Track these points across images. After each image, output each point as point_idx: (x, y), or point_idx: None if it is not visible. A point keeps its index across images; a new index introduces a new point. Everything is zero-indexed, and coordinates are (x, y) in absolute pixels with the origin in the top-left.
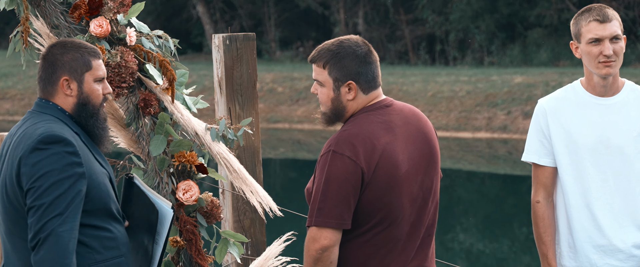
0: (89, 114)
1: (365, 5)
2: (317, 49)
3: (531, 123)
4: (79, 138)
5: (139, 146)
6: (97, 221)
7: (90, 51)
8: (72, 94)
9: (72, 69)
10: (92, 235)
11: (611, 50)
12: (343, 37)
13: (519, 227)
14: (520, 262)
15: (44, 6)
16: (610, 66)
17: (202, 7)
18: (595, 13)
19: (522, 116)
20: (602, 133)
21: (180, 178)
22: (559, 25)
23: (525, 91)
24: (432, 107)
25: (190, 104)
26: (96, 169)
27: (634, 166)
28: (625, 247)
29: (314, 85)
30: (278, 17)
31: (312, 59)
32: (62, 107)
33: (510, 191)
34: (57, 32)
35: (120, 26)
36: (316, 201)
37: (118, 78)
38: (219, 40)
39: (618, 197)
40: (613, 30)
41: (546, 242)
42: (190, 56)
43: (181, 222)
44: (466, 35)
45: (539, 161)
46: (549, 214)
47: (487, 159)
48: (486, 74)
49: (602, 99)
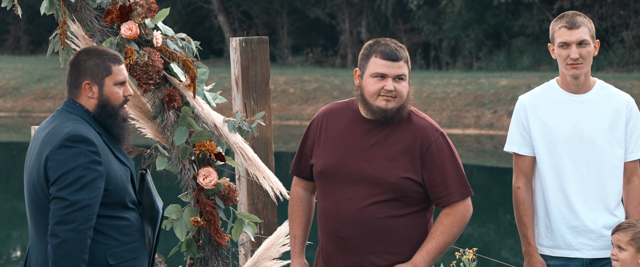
0: (108, 114)
1: (368, 16)
2: (395, 48)
3: (512, 117)
4: (101, 138)
5: (164, 136)
6: (113, 212)
7: (111, 57)
8: (93, 96)
9: (94, 74)
10: (109, 224)
11: (577, 54)
12: (382, 39)
13: (504, 213)
14: (505, 244)
15: (80, 11)
16: (577, 68)
17: (223, 17)
18: (566, 20)
19: (507, 115)
20: (575, 126)
21: (200, 165)
22: (540, 34)
23: (510, 93)
24: (427, 107)
25: (210, 99)
26: (115, 167)
27: (604, 155)
28: (596, 228)
29: (391, 82)
30: (290, 26)
31: (398, 57)
32: (87, 108)
33: (496, 182)
34: (91, 35)
35: (148, 29)
36: (462, 175)
37: (146, 75)
38: (236, 42)
39: (590, 183)
40: (579, 36)
41: (526, 223)
42: (212, 60)
43: (201, 204)
44: (457, 43)
45: (519, 151)
46: (529, 198)
47: (475, 153)
48: (475, 77)
49: (576, 95)
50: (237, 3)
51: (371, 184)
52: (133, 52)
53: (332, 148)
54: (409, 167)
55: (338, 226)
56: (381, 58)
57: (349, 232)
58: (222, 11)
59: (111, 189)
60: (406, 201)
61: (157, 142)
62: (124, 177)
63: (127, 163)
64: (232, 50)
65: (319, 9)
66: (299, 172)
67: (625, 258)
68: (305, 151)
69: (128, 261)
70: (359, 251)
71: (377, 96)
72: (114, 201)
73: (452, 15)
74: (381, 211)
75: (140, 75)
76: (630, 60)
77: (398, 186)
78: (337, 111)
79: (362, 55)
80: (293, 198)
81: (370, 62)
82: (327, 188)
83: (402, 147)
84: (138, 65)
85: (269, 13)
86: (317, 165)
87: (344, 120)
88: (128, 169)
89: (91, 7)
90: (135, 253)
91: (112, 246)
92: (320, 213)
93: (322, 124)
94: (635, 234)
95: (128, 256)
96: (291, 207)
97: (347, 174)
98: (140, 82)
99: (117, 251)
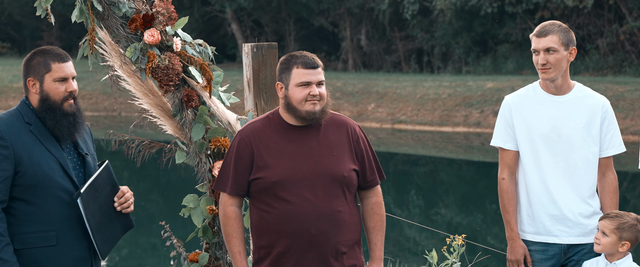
0: (46, 108)
1: (367, 25)
2: (312, 58)
3: (498, 115)
4: (31, 127)
5: (182, 132)
6: (28, 196)
7: (53, 56)
8: (36, 91)
9: (35, 71)
10: (21, 210)
11: (544, 60)
12: (297, 52)
13: (490, 203)
14: (490, 231)
15: (107, 19)
16: (545, 72)
17: (236, 25)
18: (538, 29)
19: (493, 114)
20: (555, 124)
21: (215, 158)
22: (523, 41)
23: (495, 94)
24: (420, 107)
25: (224, 99)
26: (36, 154)
27: (581, 151)
28: (573, 216)
29: (315, 87)
30: (296, 34)
31: (316, 64)
32: (30, 102)
33: (482, 175)
34: (117, 40)
35: (168, 36)
36: (377, 160)
37: (166, 78)
38: (248, 48)
39: (567, 176)
40: (546, 44)
41: (509, 211)
42: (226, 64)
43: (216, 194)
44: (448, 49)
45: (504, 146)
46: (512, 189)
47: (464, 149)
48: (464, 80)
49: (555, 96)
50: (249, 12)
51: (327, 182)
52: (155, 56)
53: (278, 159)
54: (350, 159)
55: (308, 224)
56: (303, 68)
57: (319, 228)
58: (235, 20)
59: (28, 172)
60: (350, 191)
61: (176, 138)
62: (47, 165)
63: (55, 154)
64: (245, 55)
65: (322, 18)
66: (236, 191)
67: (606, 243)
68: (240, 171)
69: (39, 248)
70: (328, 243)
71: (305, 102)
72: (31, 184)
73: (443, 24)
74: (339, 204)
75: (161, 77)
76: (605, 65)
77: (348, 179)
78: (262, 128)
79: (282, 69)
80: (231, 217)
81: (292, 74)
82: (284, 194)
83: (337, 142)
84: (159, 69)
85: (278, 22)
86: (267, 177)
87: (274, 133)
88: (54, 158)
89: (117, 16)
90: (50, 241)
91: (21, 231)
92: (279, 218)
93: (253, 143)
94: (620, 225)
95: (38, 243)
96: (230, 226)
97: (302, 178)
98: (162, 83)
99: (25, 236)
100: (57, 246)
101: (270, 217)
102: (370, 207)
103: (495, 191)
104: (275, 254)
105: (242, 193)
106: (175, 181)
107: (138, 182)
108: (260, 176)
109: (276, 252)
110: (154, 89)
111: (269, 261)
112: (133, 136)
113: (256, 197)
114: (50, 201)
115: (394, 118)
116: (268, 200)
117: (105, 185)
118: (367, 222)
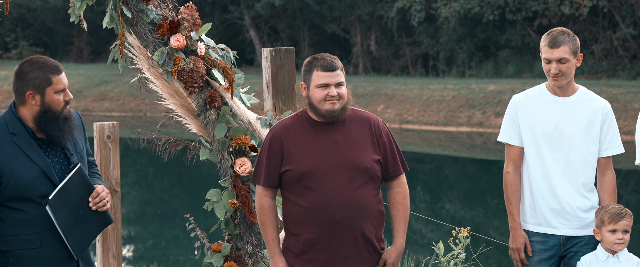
0: (49, 119)
1: (376, 31)
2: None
3: (506, 112)
4: (14, 137)
5: (206, 131)
6: (12, 204)
7: (51, 69)
8: (36, 104)
9: (36, 85)
10: (7, 214)
11: (557, 70)
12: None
13: (491, 199)
14: (492, 224)
15: (136, 25)
16: (557, 80)
17: (254, 31)
18: (550, 38)
19: (494, 115)
20: (557, 124)
21: (237, 156)
22: (522, 47)
23: (497, 96)
24: (426, 108)
25: (245, 100)
26: (17, 164)
27: (580, 150)
28: (572, 210)
29: (334, 89)
30: (311, 40)
31: (335, 67)
32: (17, 111)
33: (485, 171)
34: (145, 45)
35: (193, 41)
36: (401, 152)
37: (191, 80)
38: (267, 52)
39: (567, 172)
40: (559, 55)
41: (513, 203)
42: (244, 68)
43: (237, 188)
44: (452, 54)
45: (509, 141)
46: (516, 182)
47: (467, 148)
48: (467, 83)
49: (560, 98)
50: (266, 19)
51: (351, 172)
52: (180, 60)
53: (306, 152)
54: (373, 150)
55: (333, 211)
56: (322, 70)
57: (343, 214)
58: (253, 26)
59: (9, 182)
60: (374, 181)
61: (200, 136)
62: (29, 176)
63: (39, 162)
64: (264, 59)
65: (335, 25)
66: (269, 183)
67: (628, 239)
68: (272, 165)
69: (23, 250)
70: (352, 229)
71: (324, 101)
72: (13, 194)
73: (447, 31)
74: (363, 193)
75: (186, 79)
76: (599, 69)
77: (371, 170)
78: (291, 125)
79: (305, 71)
80: (265, 207)
81: (313, 76)
82: (311, 184)
83: (360, 136)
84: (185, 71)
85: (293, 28)
86: (296, 169)
87: (301, 129)
88: (37, 167)
89: (145, 22)
90: (34, 244)
91: (7, 233)
92: (307, 207)
93: (284, 138)
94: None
95: (23, 246)
96: (264, 216)
97: (328, 169)
98: (186, 85)
99: (10, 239)
100: (41, 248)
101: (299, 206)
102: (393, 197)
103: (496, 186)
104: (304, 240)
105: (274, 185)
106: (197, 177)
107: (162, 178)
108: (289, 168)
109: (305, 238)
110: (180, 90)
111: (299, 248)
112: (160, 134)
113: (287, 188)
114: (32, 207)
115: (402, 118)
116: (297, 190)
117: (78, 187)
118: (391, 211)
